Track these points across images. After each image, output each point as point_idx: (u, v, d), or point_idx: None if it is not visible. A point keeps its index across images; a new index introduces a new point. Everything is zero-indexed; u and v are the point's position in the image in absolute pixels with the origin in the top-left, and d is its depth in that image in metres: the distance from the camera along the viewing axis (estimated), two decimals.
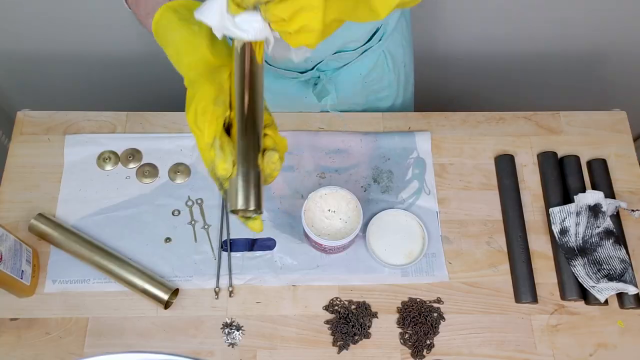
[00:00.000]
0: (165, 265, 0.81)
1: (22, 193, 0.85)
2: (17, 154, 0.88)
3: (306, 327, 0.78)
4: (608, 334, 0.79)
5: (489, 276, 0.82)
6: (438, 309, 0.79)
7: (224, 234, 0.83)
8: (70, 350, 0.75)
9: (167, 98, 1.30)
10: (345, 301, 0.80)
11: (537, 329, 0.79)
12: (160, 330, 0.77)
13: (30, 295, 0.78)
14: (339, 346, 0.77)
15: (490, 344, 0.78)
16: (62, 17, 1.09)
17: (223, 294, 0.80)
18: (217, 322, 0.78)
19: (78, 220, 0.83)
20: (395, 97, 1.00)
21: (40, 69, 1.23)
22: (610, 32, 1.25)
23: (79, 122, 0.91)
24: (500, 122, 0.94)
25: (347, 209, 0.78)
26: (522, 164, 0.90)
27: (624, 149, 0.92)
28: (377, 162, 0.89)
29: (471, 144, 0.92)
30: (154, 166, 0.88)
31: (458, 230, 0.85)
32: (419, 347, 0.76)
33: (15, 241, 0.74)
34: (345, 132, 0.92)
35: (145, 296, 0.77)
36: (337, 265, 0.82)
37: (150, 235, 0.83)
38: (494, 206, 0.87)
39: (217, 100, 0.52)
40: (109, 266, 0.78)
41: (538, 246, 0.84)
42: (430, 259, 0.83)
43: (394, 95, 0.99)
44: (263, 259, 0.82)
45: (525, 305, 0.80)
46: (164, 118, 0.92)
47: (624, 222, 0.85)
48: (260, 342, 0.77)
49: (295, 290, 0.80)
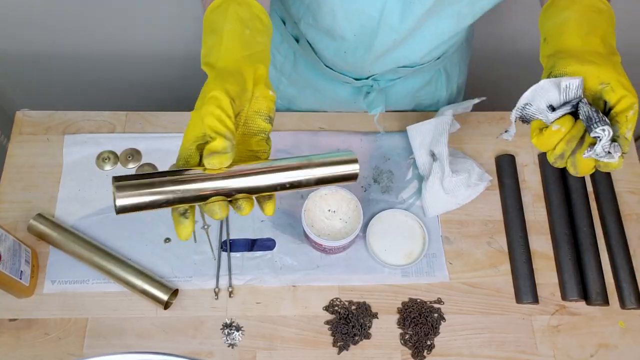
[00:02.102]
0: (164, 265, 0.81)
1: (21, 193, 0.85)
2: (16, 154, 0.88)
3: (306, 328, 0.78)
4: (609, 335, 0.78)
5: (490, 276, 0.82)
6: (438, 309, 0.79)
7: (224, 234, 0.83)
8: (70, 351, 0.75)
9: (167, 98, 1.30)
10: (345, 301, 0.79)
11: (538, 329, 0.79)
12: (159, 330, 0.77)
13: (29, 295, 0.78)
14: (339, 347, 0.76)
15: (491, 344, 0.78)
16: (61, 17, 1.09)
17: (223, 294, 0.79)
18: (216, 323, 0.78)
19: (77, 221, 0.83)
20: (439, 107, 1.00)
21: (39, 69, 1.23)
22: None
23: (78, 121, 0.91)
24: (501, 121, 0.94)
25: (347, 209, 0.78)
26: (523, 163, 0.90)
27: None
28: (377, 162, 0.89)
29: (472, 144, 0.91)
30: (153, 166, 0.87)
31: (458, 231, 0.85)
32: (419, 348, 0.76)
33: (14, 241, 0.74)
34: (345, 132, 0.91)
35: (145, 297, 0.77)
36: (337, 266, 0.82)
37: (150, 235, 0.83)
38: (494, 206, 0.87)
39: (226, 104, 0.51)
40: (108, 267, 0.77)
41: (539, 246, 0.84)
42: (431, 259, 0.82)
43: (440, 106, 0.98)
44: (263, 259, 0.82)
45: (526, 305, 0.80)
46: (164, 118, 0.92)
47: (625, 222, 0.85)
48: (260, 343, 0.77)
49: (295, 290, 0.80)
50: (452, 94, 0.97)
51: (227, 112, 0.50)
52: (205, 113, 0.50)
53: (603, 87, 0.57)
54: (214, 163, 0.50)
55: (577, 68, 0.58)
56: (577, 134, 0.57)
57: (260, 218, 0.84)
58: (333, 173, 0.55)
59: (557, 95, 0.59)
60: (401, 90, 0.91)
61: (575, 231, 0.84)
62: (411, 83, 0.90)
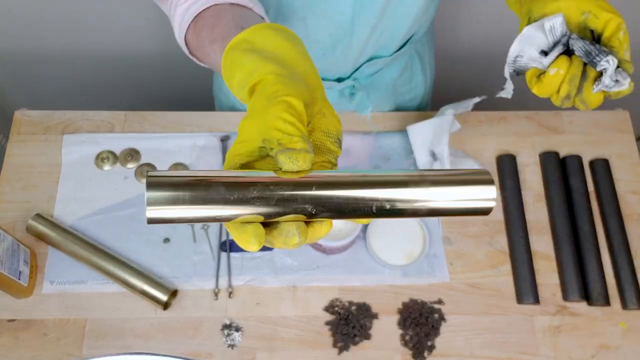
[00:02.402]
0: (164, 266, 0.80)
1: (20, 193, 0.84)
2: (15, 153, 0.87)
3: (306, 328, 0.77)
4: (610, 335, 0.78)
5: (491, 277, 0.82)
6: (439, 310, 0.79)
7: (223, 234, 0.83)
8: (69, 352, 0.75)
9: (167, 97, 1.29)
10: (345, 302, 0.79)
11: (539, 330, 0.78)
12: (159, 331, 0.77)
13: (28, 296, 0.78)
14: (339, 347, 0.76)
15: (492, 345, 0.77)
16: (60, 17, 1.09)
17: (222, 294, 0.79)
18: (216, 323, 0.77)
19: (76, 221, 0.83)
20: (422, 98, 1.00)
21: (38, 69, 1.23)
22: None
23: (77, 121, 0.90)
24: (502, 121, 0.93)
25: None
26: (523, 164, 0.90)
27: (626, 148, 0.91)
28: (377, 162, 0.89)
29: (473, 144, 0.91)
30: (152, 166, 0.87)
31: (459, 231, 0.85)
32: (419, 349, 0.76)
33: (13, 242, 0.74)
34: (345, 132, 0.91)
35: (144, 297, 0.76)
36: (337, 266, 0.81)
37: (149, 235, 0.82)
38: (495, 206, 0.86)
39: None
40: (107, 267, 0.77)
41: (540, 246, 0.84)
42: (431, 259, 0.82)
43: (420, 95, 0.99)
44: (263, 259, 0.81)
45: (527, 306, 0.80)
46: (163, 117, 0.91)
47: (626, 223, 0.84)
48: (259, 344, 0.76)
49: (295, 291, 0.80)
50: (426, 76, 0.97)
51: (302, 120, 0.38)
52: (273, 117, 0.37)
53: (586, 16, 0.56)
54: (297, 159, 0.35)
55: (555, 5, 0.57)
56: (577, 72, 0.56)
57: None
58: (460, 199, 0.37)
59: (545, 38, 0.57)
60: (381, 83, 0.90)
61: (577, 231, 0.83)
62: (389, 74, 0.90)
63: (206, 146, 0.89)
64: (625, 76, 0.55)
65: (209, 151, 0.89)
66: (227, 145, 0.89)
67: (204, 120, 0.91)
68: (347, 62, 0.81)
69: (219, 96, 1.01)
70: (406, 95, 0.97)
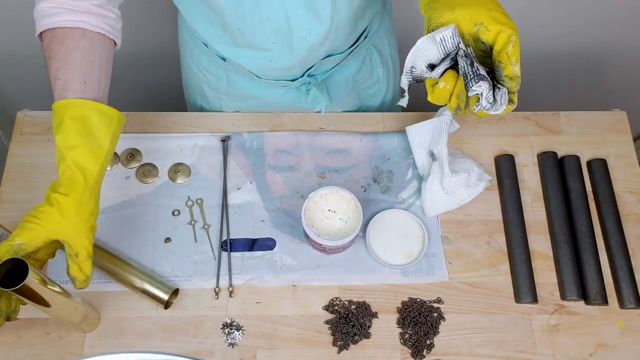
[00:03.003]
0: (165, 265, 0.81)
1: (22, 193, 0.85)
2: (17, 154, 0.88)
3: (306, 327, 0.78)
4: (608, 334, 0.79)
5: (489, 276, 0.82)
6: (438, 309, 0.79)
7: (224, 233, 0.83)
8: (70, 350, 0.75)
9: (167, 98, 1.30)
10: (345, 301, 0.80)
11: (537, 329, 0.79)
12: (160, 330, 0.77)
13: None
14: (339, 346, 0.77)
15: (490, 344, 0.78)
16: None
17: (223, 294, 0.80)
18: (217, 322, 0.78)
19: None
20: (386, 92, 1.00)
21: (40, 69, 1.23)
22: (610, 32, 1.25)
23: None
24: (500, 122, 0.94)
25: (347, 209, 0.78)
26: (522, 164, 0.90)
27: (624, 149, 0.92)
28: (377, 162, 0.89)
29: (471, 144, 0.92)
30: (153, 166, 0.88)
31: (458, 230, 0.85)
32: (419, 347, 0.76)
33: None
34: (345, 132, 0.92)
35: (145, 296, 0.77)
36: (337, 265, 0.82)
37: (150, 235, 0.83)
38: (494, 206, 0.87)
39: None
40: (109, 266, 0.78)
41: (538, 246, 0.84)
42: (430, 259, 0.83)
43: (384, 89, 0.99)
44: (263, 259, 0.82)
45: (525, 305, 0.80)
46: (164, 118, 0.92)
47: (624, 222, 0.85)
48: (260, 342, 0.77)
49: (295, 290, 0.80)
50: (388, 69, 0.97)
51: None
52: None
53: (478, 28, 0.55)
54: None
55: (449, 16, 0.56)
56: (464, 87, 0.56)
57: (260, 218, 0.84)
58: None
59: (436, 50, 0.57)
60: (339, 78, 0.91)
61: (574, 231, 0.84)
62: (347, 68, 0.90)
63: (207, 146, 0.89)
64: (506, 100, 0.55)
65: (209, 151, 0.89)
66: (227, 145, 0.89)
67: (204, 120, 0.92)
68: (297, 66, 0.81)
69: (187, 98, 1.03)
70: (369, 90, 0.97)
